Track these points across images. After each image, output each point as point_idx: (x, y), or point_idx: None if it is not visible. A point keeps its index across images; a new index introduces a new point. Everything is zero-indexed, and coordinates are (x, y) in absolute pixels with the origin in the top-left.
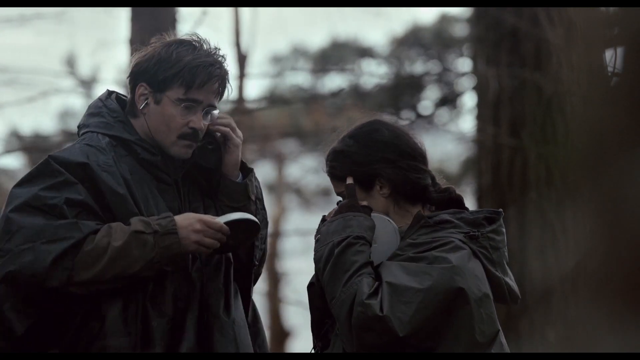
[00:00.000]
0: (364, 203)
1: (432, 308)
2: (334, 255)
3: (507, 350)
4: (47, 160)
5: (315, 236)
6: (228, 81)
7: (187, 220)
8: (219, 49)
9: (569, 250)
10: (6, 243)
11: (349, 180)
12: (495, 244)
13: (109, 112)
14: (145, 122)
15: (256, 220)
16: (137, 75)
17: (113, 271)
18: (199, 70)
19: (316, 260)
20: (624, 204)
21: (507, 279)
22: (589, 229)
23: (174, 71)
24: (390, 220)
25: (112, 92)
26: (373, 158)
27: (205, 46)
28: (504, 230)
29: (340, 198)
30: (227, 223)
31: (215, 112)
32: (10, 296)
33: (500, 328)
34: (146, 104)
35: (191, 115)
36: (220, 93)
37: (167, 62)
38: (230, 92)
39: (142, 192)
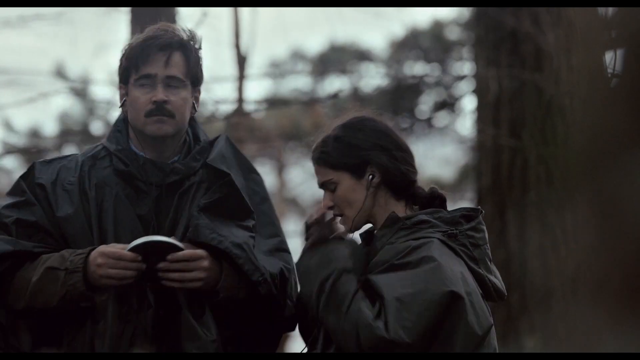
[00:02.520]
0: (339, 232)
1: (430, 310)
2: (326, 290)
3: (494, 343)
4: (19, 179)
5: (298, 267)
6: (190, 51)
7: (93, 255)
8: (173, 25)
9: (569, 251)
10: None
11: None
12: (475, 241)
13: (116, 123)
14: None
15: (165, 240)
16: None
17: (37, 304)
18: (140, 47)
19: (306, 294)
20: (624, 205)
21: (491, 277)
22: (589, 230)
23: (126, 60)
24: (352, 240)
25: None
26: (368, 144)
27: (153, 28)
28: (484, 227)
29: (322, 190)
30: (132, 249)
31: (181, 83)
32: (9, 325)
33: (492, 322)
34: (124, 101)
35: (152, 91)
36: (183, 66)
37: (122, 57)
38: (201, 65)
39: (106, 206)
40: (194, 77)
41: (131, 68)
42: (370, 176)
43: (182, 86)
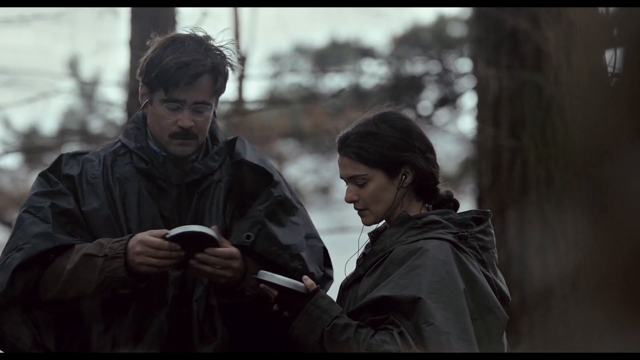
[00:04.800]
0: (307, 283)
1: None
2: (328, 351)
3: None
4: (46, 171)
5: (292, 334)
6: (219, 75)
7: (132, 242)
8: (210, 43)
9: (568, 250)
10: (5, 248)
11: (277, 281)
12: (484, 244)
13: (134, 119)
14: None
15: (206, 231)
16: (139, 75)
17: (70, 293)
18: (174, 72)
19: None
20: (623, 205)
21: (498, 280)
22: (588, 230)
23: (155, 73)
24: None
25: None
26: (406, 144)
27: (192, 44)
28: (492, 231)
29: (345, 184)
30: (170, 238)
31: (208, 108)
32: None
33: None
34: (146, 103)
35: (178, 114)
36: (211, 89)
37: (152, 64)
38: (228, 80)
39: (129, 201)
40: (219, 93)
41: (159, 86)
42: (403, 176)
43: (207, 108)
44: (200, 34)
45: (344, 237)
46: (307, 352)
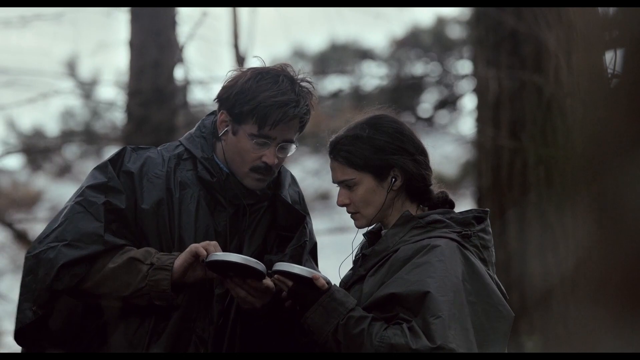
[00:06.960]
0: (320, 280)
1: (465, 312)
2: (342, 342)
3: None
4: (108, 162)
5: (305, 323)
6: (308, 116)
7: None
8: (302, 81)
9: (568, 251)
10: (49, 234)
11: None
12: (484, 243)
13: (199, 127)
14: (222, 148)
15: (255, 267)
16: (221, 100)
17: (103, 289)
18: (272, 110)
19: (325, 345)
20: (623, 205)
21: (496, 278)
22: (588, 230)
23: (249, 107)
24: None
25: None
26: (394, 148)
27: (286, 81)
28: (490, 229)
29: (337, 187)
30: (220, 261)
31: (293, 147)
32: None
33: (513, 314)
34: (225, 131)
35: (264, 150)
36: (298, 129)
37: (244, 96)
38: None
39: (186, 208)
40: (303, 130)
41: (251, 120)
42: (393, 179)
43: (292, 146)
44: (290, 70)
45: (344, 237)
46: (320, 341)
